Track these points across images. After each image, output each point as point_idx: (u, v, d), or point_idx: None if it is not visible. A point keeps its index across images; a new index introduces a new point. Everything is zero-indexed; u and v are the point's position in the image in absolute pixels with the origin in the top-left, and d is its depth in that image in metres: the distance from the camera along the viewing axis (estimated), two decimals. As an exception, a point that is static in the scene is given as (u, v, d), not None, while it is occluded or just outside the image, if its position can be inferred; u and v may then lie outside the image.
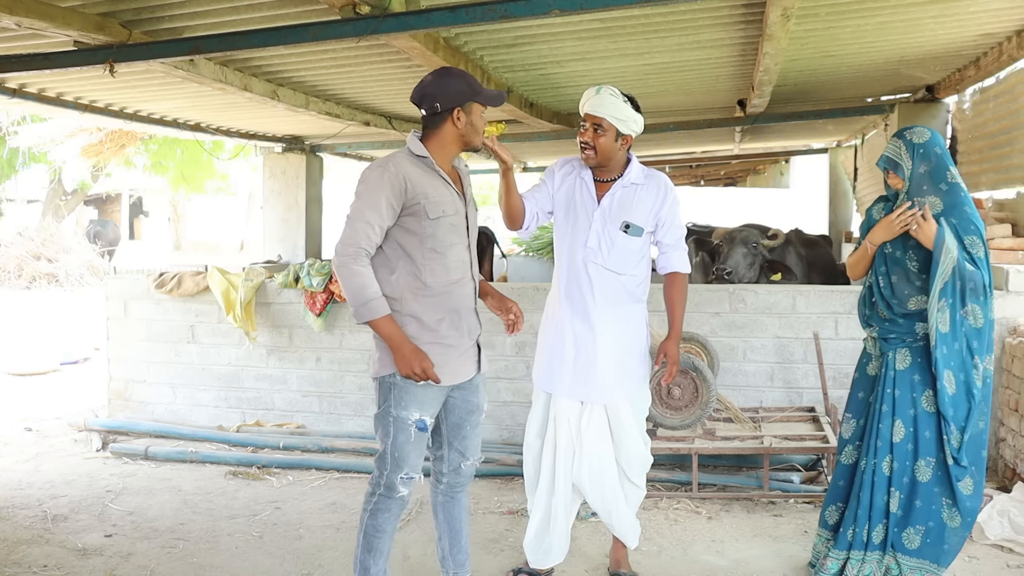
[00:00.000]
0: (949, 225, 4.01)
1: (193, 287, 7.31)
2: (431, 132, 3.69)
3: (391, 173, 3.54)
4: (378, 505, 3.72)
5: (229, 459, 6.50)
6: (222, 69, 6.26)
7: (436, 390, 3.67)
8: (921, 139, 4.11)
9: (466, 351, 3.76)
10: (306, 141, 11.25)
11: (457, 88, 3.63)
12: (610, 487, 4.29)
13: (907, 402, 4.12)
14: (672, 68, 7.18)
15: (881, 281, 4.21)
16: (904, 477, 4.12)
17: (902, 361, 4.15)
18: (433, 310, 3.64)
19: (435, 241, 3.61)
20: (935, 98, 8.56)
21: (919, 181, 4.10)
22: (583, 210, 4.19)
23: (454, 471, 3.90)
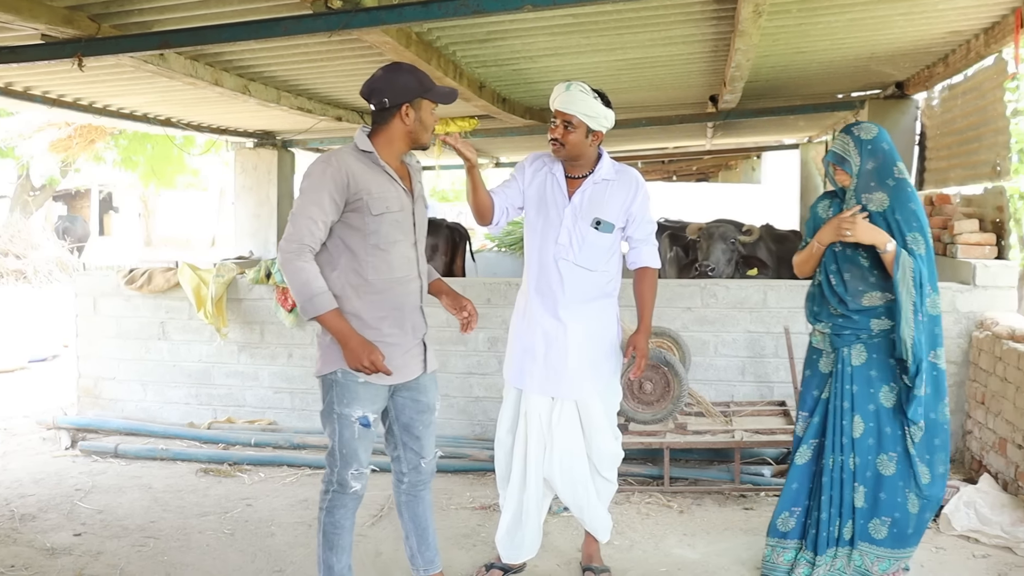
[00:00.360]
0: (892, 221, 4.04)
1: (163, 283, 7.26)
2: (379, 128, 3.67)
3: (334, 168, 3.53)
4: (333, 502, 3.72)
5: (200, 456, 6.47)
6: (193, 63, 6.23)
7: (378, 387, 3.66)
8: (869, 135, 4.12)
9: (410, 350, 3.75)
10: (278, 136, 11.19)
11: (406, 84, 3.61)
12: (581, 482, 4.31)
13: (865, 397, 4.14)
14: (644, 64, 7.21)
15: (833, 279, 4.20)
16: (867, 472, 4.14)
17: (858, 357, 4.16)
18: (375, 308, 3.62)
19: (378, 238, 3.59)
20: (904, 94, 8.63)
21: (866, 177, 4.10)
22: (554, 206, 4.19)
23: (414, 470, 3.90)
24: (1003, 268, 6.16)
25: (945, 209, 7.11)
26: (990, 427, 5.56)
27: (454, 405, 6.83)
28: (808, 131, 13.61)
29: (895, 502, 4.13)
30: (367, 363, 3.51)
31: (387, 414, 3.85)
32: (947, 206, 7.12)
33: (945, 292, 6.17)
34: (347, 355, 3.52)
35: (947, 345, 6.13)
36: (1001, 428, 5.38)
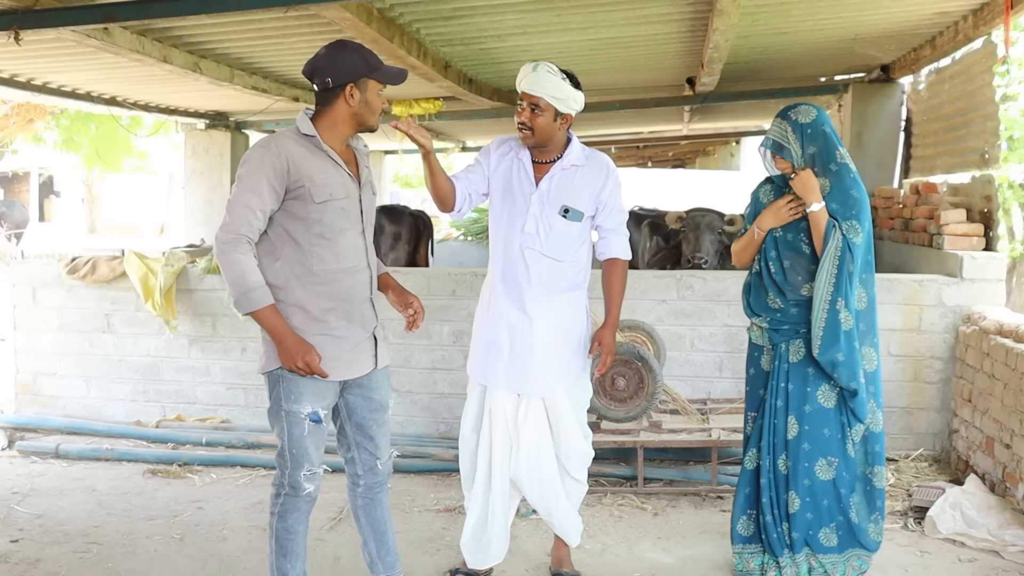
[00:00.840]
0: (830, 208, 4.01)
1: (108, 273, 7.19)
2: (322, 109, 3.63)
3: (273, 154, 3.48)
4: (285, 506, 3.69)
5: (147, 456, 6.41)
6: (139, 39, 6.15)
7: (327, 382, 3.63)
8: (808, 118, 4.10)
9: (360, 344, 3.72)
10: (231, 117, 11.12)
11: (351, 63, 3.56)
12: (549, 483, 4.30)
13: (801, 397, 4.11)
14: (618, 44, 7.21)
15: (772, 266, 4.16)
16: (804, 479, 4.11)
17: (795, 353, 4.13)
18: (321, 299, 3.59)
19: (322, 226, 3.56)
20: (890, 78, 8.70)
21: (808, 163, 4.09)
22: (520, 193, 4.17)
23: (369, 471, 3.86)
24: (991, 260, 6.21)
25: (931, 198, 7.17)
26: (977, 426, 5.61)
27: (417, 402, 6.81)
28: (789, 116, 13.65)
29: (838, 507, 4.13)
30: (301, 364, 3.48)
31: (338, 414, 3.82)
32: (933, 195, 7.18)
33: (931, 285, 6.22)
34: (281, 354, 3.50)
35: (933, 340, 6.22)
36: (988, 427, 5.42)
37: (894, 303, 6.26)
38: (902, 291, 6.27)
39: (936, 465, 6.11)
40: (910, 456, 6.20)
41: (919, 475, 5.91)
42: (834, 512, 4.14)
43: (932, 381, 6.28)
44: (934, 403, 6.28)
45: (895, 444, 6.32)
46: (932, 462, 6.15)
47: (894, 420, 6.32)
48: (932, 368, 6.27)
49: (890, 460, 6.14)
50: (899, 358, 6.29)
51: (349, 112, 3.60)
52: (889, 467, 6.00)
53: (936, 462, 6.16)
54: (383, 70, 3.63)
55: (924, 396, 6.29)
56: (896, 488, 5.65)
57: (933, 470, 6.02)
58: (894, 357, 6.28)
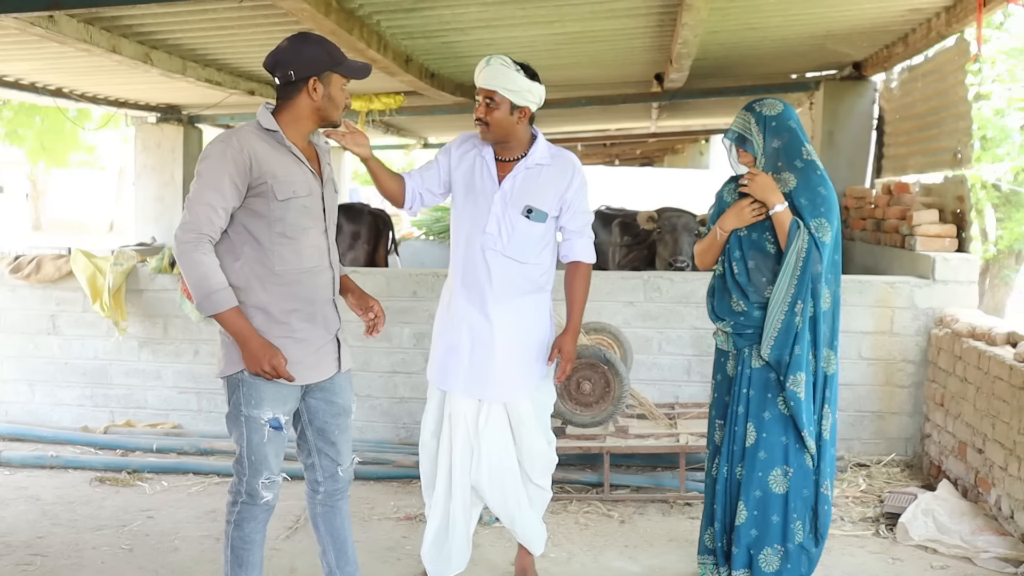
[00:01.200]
0: (797, 205, 3.99)
1: (54, 272, 7.11)
2: (284, 104, 3.61)
3: (235, 149, 3.46)
4: (242, 515, 3.66)
5: (95, 464, 6.35)
6: (87, 28, 6.08)
7: (289, 386, 3.61)
8: (773, 111, 4.09)
9: (322, 347, 3.71)
10: (184, 111, 11.04)
11: (314, 55, 3.55)
12: (512, 490, 4.31)
13: (761, 404, 4.08)
14: (585, 38, 7.23)
15: (736, 267, 4.15)
16: (756, 489, 4.07)
17: (758, 358, 4.10)
18: (283, 300, 3.58)
19: (284, 225, 3.54)
20: (862, 76, 8.79)
21: (772, 158, 4.07)
22: (482, 192, 4.17)
23: (330, 478, 3.85)
24: (963, 261, 6.29)
25: (904, 199, 7.25)
26: (949, 430, 5.68)
27: (377, 407, 6.79)
28: (759, 113, 13.74)
29: (787, 528, 4.06)
30: (267, 367, 3.46)
31: (299, 418, 3.80)
32: (906, 195, 7.26)
33: (903, 287, 6.29)
34: (246, 358, 3.48)
35: (905, 343, 6.28)
36: (961, 431, 5.49)
37: (865, 305, 6.32)
38: (873, 293, 6.33)
39: (908, 470, 6.18)
40: (882, 461, 6.26)
41: (891, 480, 5.97)
42: (779, 534, 4.05)
43: (904, 385, 6.34)
44: (906, 407, 6.35)
45: (867, 449, 6.38)
46: (904, 467, 6.22)
47: (865, 424, 6.38)
48: (904, 372, 6.33)
49: (861, 465, 6.21)
50: (871, 361, 6.35)
51: (312, 107, 3.59)
52: (860, 472, 6.07)
53: (908, 467, 6.23)
54: (347, 64, 3.63)
55: (896, 400, 6.35)
56: (867, 494, 5.70)
57: (905, 475, 6.08)
58: (865, 360, 6.35)
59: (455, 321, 4.22)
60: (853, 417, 6.39)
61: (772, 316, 3.99)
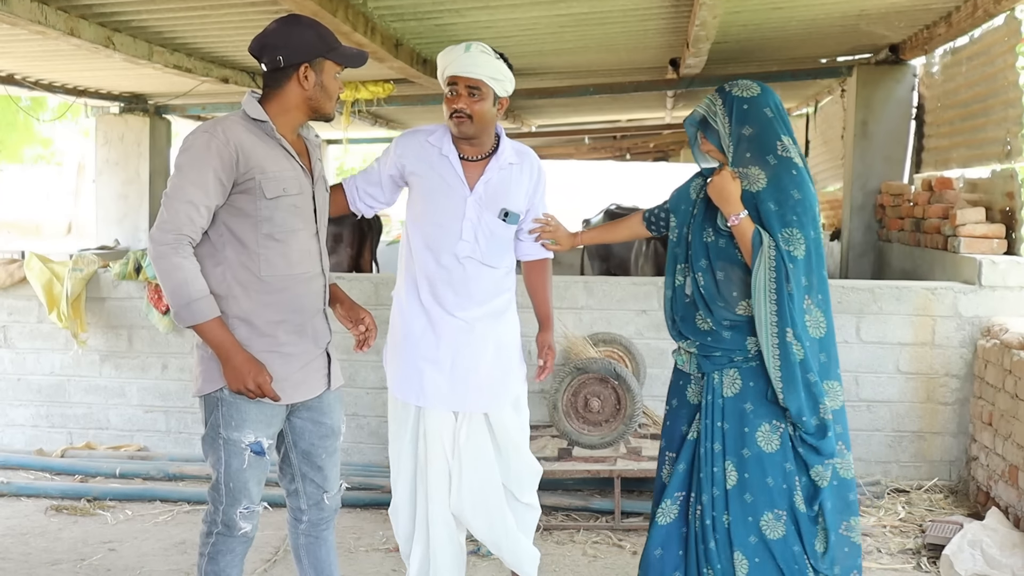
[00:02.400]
0: (765, 210, 3.72)
1: (6, 279, 7.11)
2: (272, 92, 3.58)
3: (220, 140, 3.42)
4: (218, 546, 3.64)
5: (51, 491, 6.34)
6: (41, 8, 6.08)
7: (274, 407, 3.59)
8: (747, 92, 3.83)
9: (311, 362, 3.69)
10: (150, 100, 11.04)
11: (306, 40, 3.53)
12: (497, 512, 4.32)
13: (738, 439, 3.82)
14: (592, 19, 7.23)
15: (701, 279, 3.87)
16: (750, 536, 3.79)
17: (730, 386, 3.84)
18: (269, 311, 3.55)
19: (272, 226, 3.52)
20: (900, 59, 8.78)
21: (741, 147, 3.79)
22: (450, 196, 4.16)
23: (315, 507, 3.83)
24: (1014, 265, 6.28)
25: (946, 195, 7.24)
26: (999, 452, 5.66)
27: (364, 426, 6.78)
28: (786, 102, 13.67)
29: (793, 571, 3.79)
30: (252, 385, 3.43)
31: (283, 440, 3.79)
32: (948, 192, 7.25)
33: (945, 293, 6.28)
34: (228, 374, 3.44)
35: (948, 356, 6.28)
36: (1012, 454, 5.47)
37: (903, 314, 6.31)
38: (913, 300, 6.32)
39: (952, 497, 6.16)
40: (923, 487, 6.25)
41: (933, 508, 5.95)
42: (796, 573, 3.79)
43: (947, 402, 6.33)
44: (949, 427, 6.34)
45: (906, 473, 6.37)
46: (948, 493, 6.20)
47: (904, 446, 6.37)
48: (947, 387, 6.32)
49: (901, 491, 6.20)
50: (910, 376, 6.34)
51: (302, 96, 3.57)
52: (900, 499, 6.05)
53: (952, 493, 6.22)
54: (342, 50, 3.61)
55: (938, 419, 6.34)
56: (907, 523, 5.69)
57: (949, 502, 6.07)
58: (904, 375, 6.33)
59: (431, 333, 4.22)
60: (891, 438, 6.38)
61: (768, 354, 3.72)
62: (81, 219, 31.01)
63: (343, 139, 14.85)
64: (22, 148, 20.88)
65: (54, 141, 23.97)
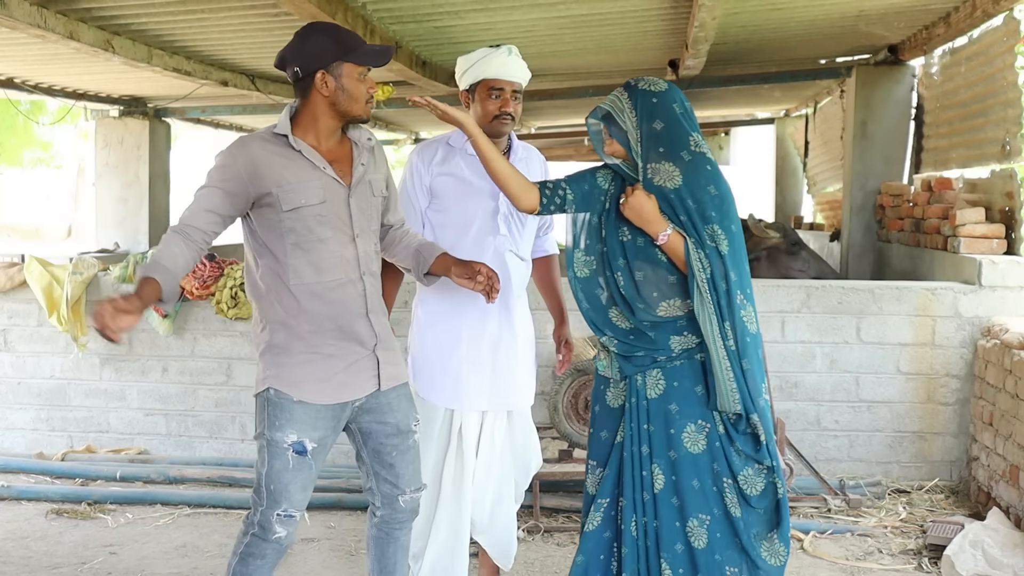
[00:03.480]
0: (684, 208, 3.59)
1: (6, 282, 7.10)
2: (301, 103, 3.63)
3: (233, 159, 3.53)
4: (249, 548, 3.62)
5: (51, 494, 6.33)
6: (41, 11, 6.08)
7: (319, 408, 3.58)
8: (655, 87, 3.70)
9: (355, 363, 3.67)
10: (149, 103, 11.04)
11: (319, 46, 3.55)
12: (507, 505, 4.44)
13: (664, 441, 3.66)
14: (591, 21, 7.23)
15: (621, 279, 3.68)
16: (676, 543, 3.64)
17: (654, 387, 3.67)
18: (301, 317, 3.58)
19: (297, 236, 3.55)
20: (899, 60, 8.78)
21: (652, 144, 3.63)
22: (482, 193, 4.24)
23: (388, 505, 3.82)
24: (1013, 265, 6.27)
25: (946, 196, 7.23)
26: (999, 452, 5.66)
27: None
28: (785, 103, 13.80)
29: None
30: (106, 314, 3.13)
31: (354, 438, 3.81)
32: (948, 192, 7.25)
33: (945, 293, 6.28)
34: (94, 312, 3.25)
35: (948, 356, 6.29)
36: (1013, 454, 5.47)
37: (903, 314, 6.31)
38: (912, 300, 6.31)
39: (953, 497, 6.16)
40: (924, 487, 6.24)
41: (934, 508, 5.95)
42: None
43: (948, 402, 6.33)
44: (950, 427, 6.33)
45: (907, 473, 6.37)
46: (949, 494, 6.20)
47: (905, 446, 6.37)
48: (947, 387, 6.32)
49: (902, 492, 6.19)
50: (910, 376, 6.34)
51: (326, 102, 3.58)
52: (900, 499, 6.05)
53: (953, 494, 6.21)
54: (361, 50, 3.60)
55: (939, 419, 6.34)
56: (908, 523, 5.68)
57: (950, 503, 6.06)
58: (904, 375, 6.33)
59: (470, 334, 4.26)
60: (891, 438, 6.38)
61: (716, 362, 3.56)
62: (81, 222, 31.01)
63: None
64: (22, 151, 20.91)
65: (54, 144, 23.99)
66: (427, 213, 4.31)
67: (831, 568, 5.12)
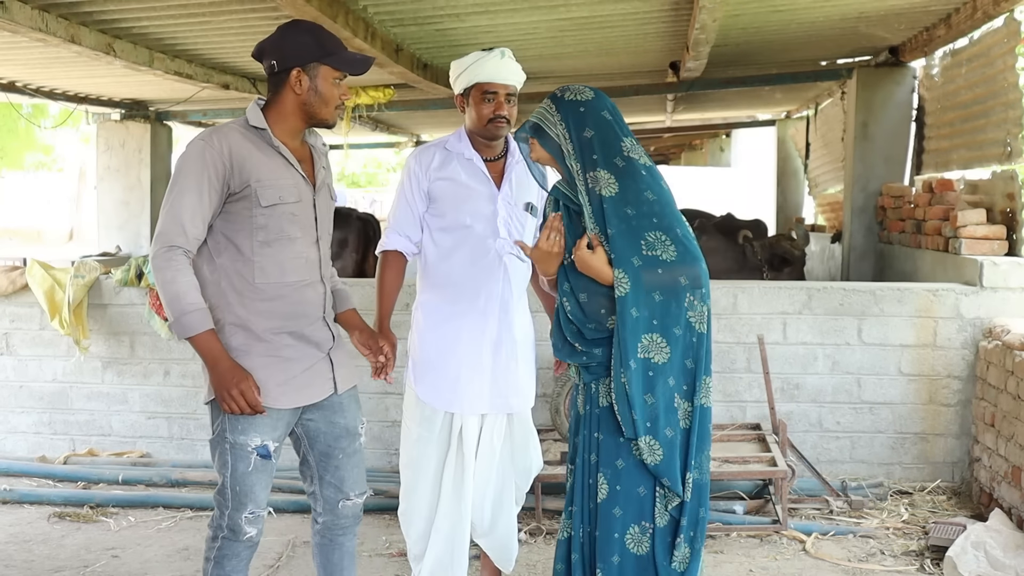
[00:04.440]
0: (621, 215, 3.51)
1: (8, 286, 7.10)
2: (272, 98, 3.60)
3: (214, 150, 3.44)
4: (223, 551, 3.63)
5: (54, 497, 6.33)
6: (42, 15, 6.08)
7: (280, 411, 3.59)
8: (581, 96, 3.65)
9: (312, 366, 3.68)
10: (151, 107, 11.05)
11: (300, 44, 3.53)
12: (508, 508, 4.44)
13: (612, 449, 3.58)
14: (593, 24, 7.23)
15: (567, 303, 3.61)
16: (614, 554, 3.56)
17: (606, 395, 3.58)
18: (264, 317, 3.56)
19: (268, 233, 3.53)
20: (899, 61, 8.78)
21: (586, 151, 3.56)
22: (481, 197, 4.26)
23: (331, 511, 3.82)
24: (1015, 266, 6.26)
25: (947, 197, 7.23)
26: (1001, 453, 5.65)
27: (366, 431, 6.74)
28: (786, 105, 13.80)
29: None
30: (235, 392, 3.40)
31: (300, 443, 3.79)
32: (949, 193, 7.24)
33: (947, 295, 6.27)
34: (213, 381, 3.43)
35: (950, 357, 6.29)
36: (1015, 455, 5.46)
37: (905, 315, 6.30)
38: (914, 302, 6.31)
39: (955, 498, 6.15)
40: (926, 488, 6.23)
41: (936, 510, 5.94)
42: None
43: (949, 403, 6.32)
44: (952, 428, 6.33)
45: (909, 475, 6.36)
46: (951, 495, 6.19)
47: (907, 448, 6.36)
48: (949, 389, 6.31)
49: (904, 493, 6.19)
50: (912, 378, 6.33)
51: (297, 101, 3.57)
52: (903, 500, 6.04)
53: (955, 495, 6.20)
54: (339, 55, 3.58)
55: (941, 420, 6.33)
56: (910, 525, 5.68)
57: (952, 504, 6.06)
58: (906, 376, 6.33)
59: (477, 337, 4.27)
60: (893, 439, 6.37)
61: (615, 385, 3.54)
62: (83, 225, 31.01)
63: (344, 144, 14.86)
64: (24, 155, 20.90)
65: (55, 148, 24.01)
66: (425, 217, 4.31)
67: (833, 569, 5.12)
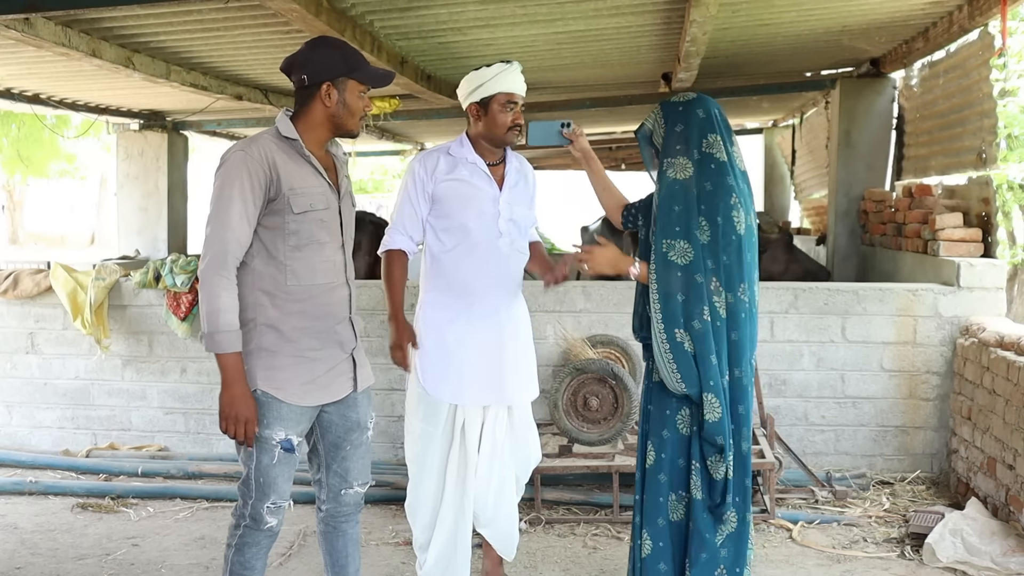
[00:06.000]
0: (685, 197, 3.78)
1: (33, 288, 7.11)
2: (301, 110, 3.63)
3: (255, 159, 3.46)
4: (244, 539, 3.66)
5: (77, 489, 6.34)
6: (65, 31, 6.08)
7: (303, 407, 3.62)
8: (683, 98, 3.96)
9: (336, 366, 3.71)
10: (168, 117, 11.03)
11: (329, 59, 3.57)
12: (509, 497, 4.46)
13: (660, 421, 3.85)
14: (588, 37, 7.23)
15: None
16: (659, 517, 3.83)
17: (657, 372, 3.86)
18: (294, 318, 3.58)
19: (299, 239, 3.55)
20: (880, 73, 8.77)
21: (671, 141, 3.88)
22: (484, 198, 4.32)
23: (334, 499, 3.84)
24: (990, 267, 6.27)
25: (926, 201, 7.23)
26: (977, 445, 5.66)
27: (374, 426, 6.75)
28: (773, 114, 13.78)
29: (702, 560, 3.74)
30: (241, 421, 3.45)
31: (312, 432, 3.81)
32: (928, 198, 7.25)
33: (926, 295, 6.28)
34: (222, 399, 3.46)
35: (929, 354, 6.29)
36: (990, 446, 5.47)
37: (887, 314, 6.31)
38: (895, 301, 6.32)
39: (934, 488, 6.16)
40: (906, 479, 6.24)
41: (916, 499, 5.95)
42: (704, 567, 3.74)
43: (929, 398, 6.33)
44: (931, 421, 6.33)
45: (890, 466, 6.37)
46: (930, 485, 6.20)
47: (888, 440, 6.37)
48: (928, 384, 6.32)
49: (885, 483, 6.20)
50: (893, 373, 6.34)
51: (326, 113, 3.60)
52: (884, 490, 6.05)
53: (934, 485, 6.21)
54: (365, 70, 3.63)
55: (920, 414, 6.34)
56: (891, 513, 5.68)
57: (931, 493, 6.06)
58: (887, 372, 6.33)
59: (480, 332, 4.30)
60: (875, 432, 6.38)
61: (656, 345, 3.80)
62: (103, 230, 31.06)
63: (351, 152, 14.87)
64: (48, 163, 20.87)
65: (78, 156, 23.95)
66: (428, 219, 4.34)
67: (819, 556, 5.13)
